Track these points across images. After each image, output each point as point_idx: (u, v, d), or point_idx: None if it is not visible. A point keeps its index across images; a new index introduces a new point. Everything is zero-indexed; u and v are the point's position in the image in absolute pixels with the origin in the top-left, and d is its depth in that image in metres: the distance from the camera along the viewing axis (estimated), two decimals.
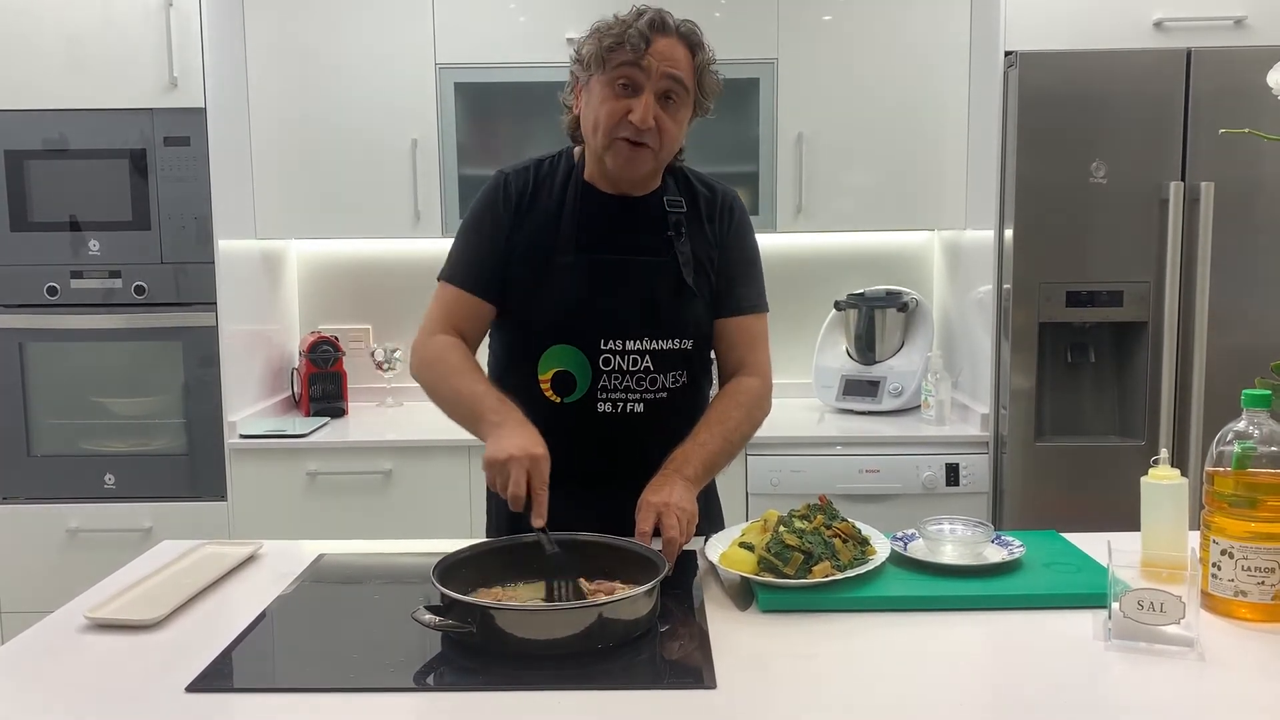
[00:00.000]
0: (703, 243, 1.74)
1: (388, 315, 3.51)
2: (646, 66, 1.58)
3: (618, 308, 1.68)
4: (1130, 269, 2.72)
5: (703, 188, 1.79)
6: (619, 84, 1.60)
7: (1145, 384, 2.75)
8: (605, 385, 1.69)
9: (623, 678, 1.20)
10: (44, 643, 1.33)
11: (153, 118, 2.84)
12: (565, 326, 1.68)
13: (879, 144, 3.11)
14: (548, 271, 1.68)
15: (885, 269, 3.46)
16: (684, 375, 1.74)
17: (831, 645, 1.30)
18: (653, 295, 1.69)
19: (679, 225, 1.72)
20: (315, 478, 2.92)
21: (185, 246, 2.88)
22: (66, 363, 2.92)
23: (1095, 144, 2.68)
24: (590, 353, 1.68)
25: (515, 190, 1.72)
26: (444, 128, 3.09)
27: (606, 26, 1.62)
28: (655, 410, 1.71)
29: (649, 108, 1.59)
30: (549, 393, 1.70)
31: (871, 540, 1.55)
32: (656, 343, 1.69)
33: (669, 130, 1.63)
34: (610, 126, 1.62)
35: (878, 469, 2.82)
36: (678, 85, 1.61)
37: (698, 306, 1.73)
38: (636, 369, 1.69)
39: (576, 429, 1.69)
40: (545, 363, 1.69)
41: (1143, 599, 1.25)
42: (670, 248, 1.70)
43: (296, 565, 1.62)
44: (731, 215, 1.79)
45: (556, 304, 1.68)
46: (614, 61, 1.60)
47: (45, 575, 2.91)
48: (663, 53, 1.59)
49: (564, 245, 1.68)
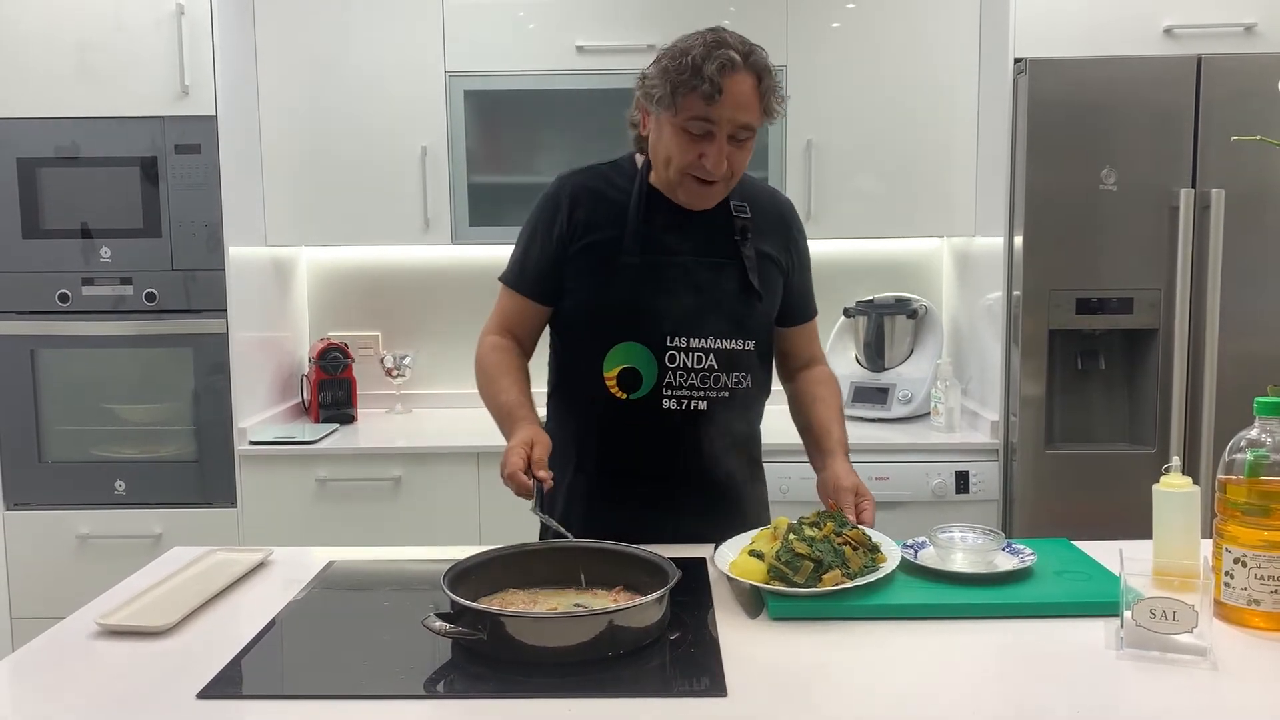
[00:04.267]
0: (768, 246, 1.77)
1: (397, 322, 3.51)
2: (718, 118, 1.58)
3: (684, 305, 1.70)
4: (1141, 276, 2.71)
5: (761, 194, 1.82)
6: (688, 130, 1.60)
7: (1156, 391, 2.73)
8: (670, 382, 1.71)
9: (633, 685, 1.20)
10: (56, 649, 1.34)
11: (164, 125, 2.86)
12: (632, 324, 1.70)
13: (888, 151, 3.10)
14: (614, 271, 1.70)
15: (894, 276, 3.46)
16: (747, 377, 1.76)
17: (842, 653, 1.29)
18: (719, 295, 1.71)
19: (745, 230, 1.74)
20: (325, 484, 2.92)
21: (196, 253, 2.89)
22: (77, 369, 2.93)
23: (1105, 151, 2.68)
24: (656, 350, 1.70)
25: (575, 194, 1.74)
26: (454, 135, 3.10)
27: (676, 66, 1.58)
28: (718, 408, 1.73)
29: (722, 154, 1.60)
30: (615, 389, 1.72)
31: (882, 547, 1.55)
32: (721, 341, 1.72)
33: (740, 165, 1.66)
34: (682, 166, 1.63)
35: (887, 476, 2.81)
36: (748, 127, 1.62)
37: (762, 308, 1.77)
38: (701, 366, 1.71)
39: (641, 425, 1.72)
40: (611, 359, 1.71)
41: (1155, 608, 1.24)
42: (737, 251, 1.73)
43: (306, 572, 1.63)
44: (796, 224, 1.85)
45: (624, 302, 1.70)
46: (685, 108, 1.58)
47: (56, 581, 2.91)
48: (734, 99, 1.57)
49: (630, 246, 1.70)
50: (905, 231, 3.23)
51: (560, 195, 1.75)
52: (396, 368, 3.35)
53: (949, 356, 3.21)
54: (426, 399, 3.49)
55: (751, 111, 1.60)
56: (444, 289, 3.49)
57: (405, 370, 3.36)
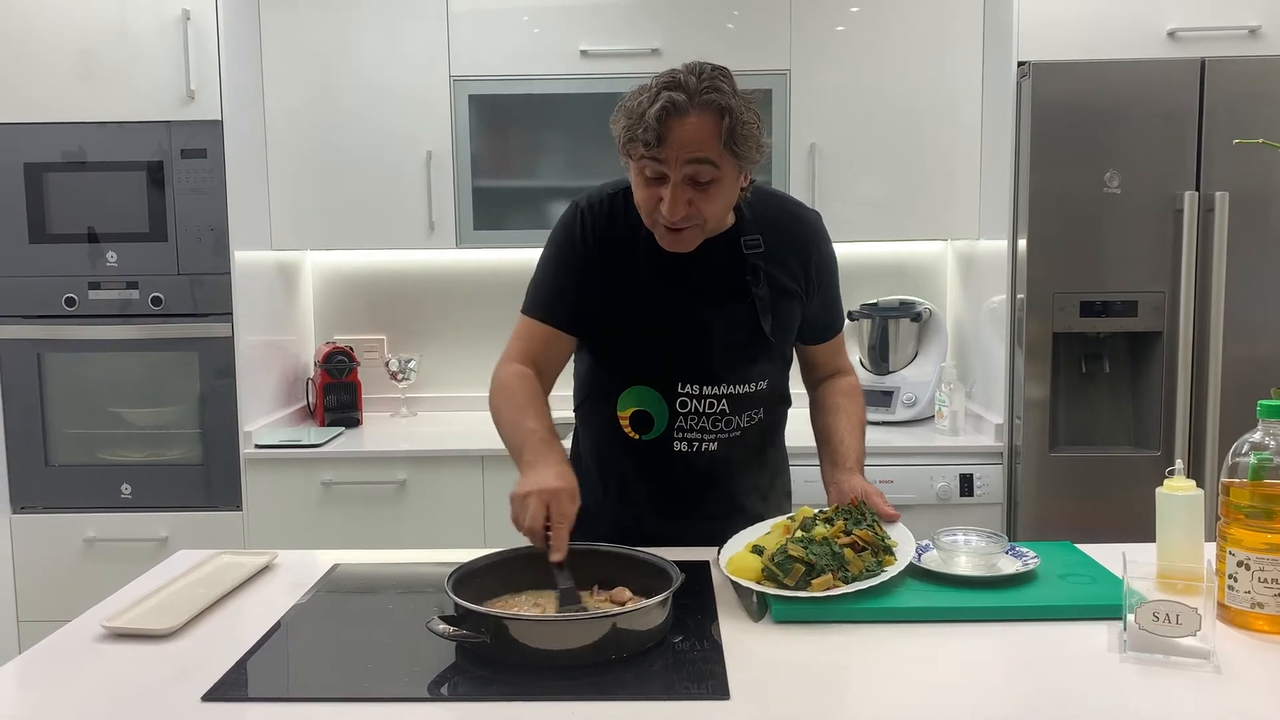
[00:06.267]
0: (785, 277, 1.71)
1: (402, 326, 3.52)
2: (665, 159, 1.51)
3: (695, 354, 1.67)
4: (1145, 279, 2.70)
5: (782, 216, 1.74)
6: (645, 174, 1.56)
7: (1160, 394, 2.73)
8: (681, 426, 1.70)
9: (636, 688, 1.20)
10: (62, 651, 1.34)
11: (169, 130, 2.87)
12: (643, 369, 1.69)
13: (892, 154, 3.11)
14: (625, 313, 1.68)
15: (899, 279, 3.46)
16: (759, 413, 1.75)
17: (846, 656, 1.30)
18: (730, 342, 1.68)
19: (756, 269, 1.68)
20: (330, 487, 2.93)
21: (202, 258, 2.90)
22: (84, 373, 2.94)
23: (1109, 154, 2.67)
24: (667, 395, 1.69)
25: (592, 222, 1.69)
26: (458, 139, 3.10)
27: (626, 110, 1.54)
28: (729, 448, 1.73)
29: (677, 200, 1.53)
30: (628, 429, 1.72)
31: (896, 549, 1.53)
32: (732, 387, 1.70)
33: (707, 207, 1.56)
34: (648, 212, 1.60)
35: (891, 479, 2.81)
36: (704, 166, 1.52)
37: (774, 352, 1.74)
38: (713, 411, 1.70)
39: (653, 465, 1.73)
40: (624, 401, 1.71)
41: (1158, 611, 1.24)
42: (748, 292, 1.68)
43: (311, 575, 1.63)
44: (816, 240, 1.76)
45: (634, 347, 1.69)
46: (635, 154, 1.54)
47: (63, 584, 2.92)
48: (681, 140, 1.50)
49: (641, 288, 1.66)
50: (909, 234, 3.23)
51: (581, 224, 1.69)
52: (401, 371, 3.36)
53: (953, 360, 3.20)
54: (432, 402, 3.49)
55: (706, 150, 1.50)
56: (449, 293, 3.50)
57: (410, 374, 3.36)
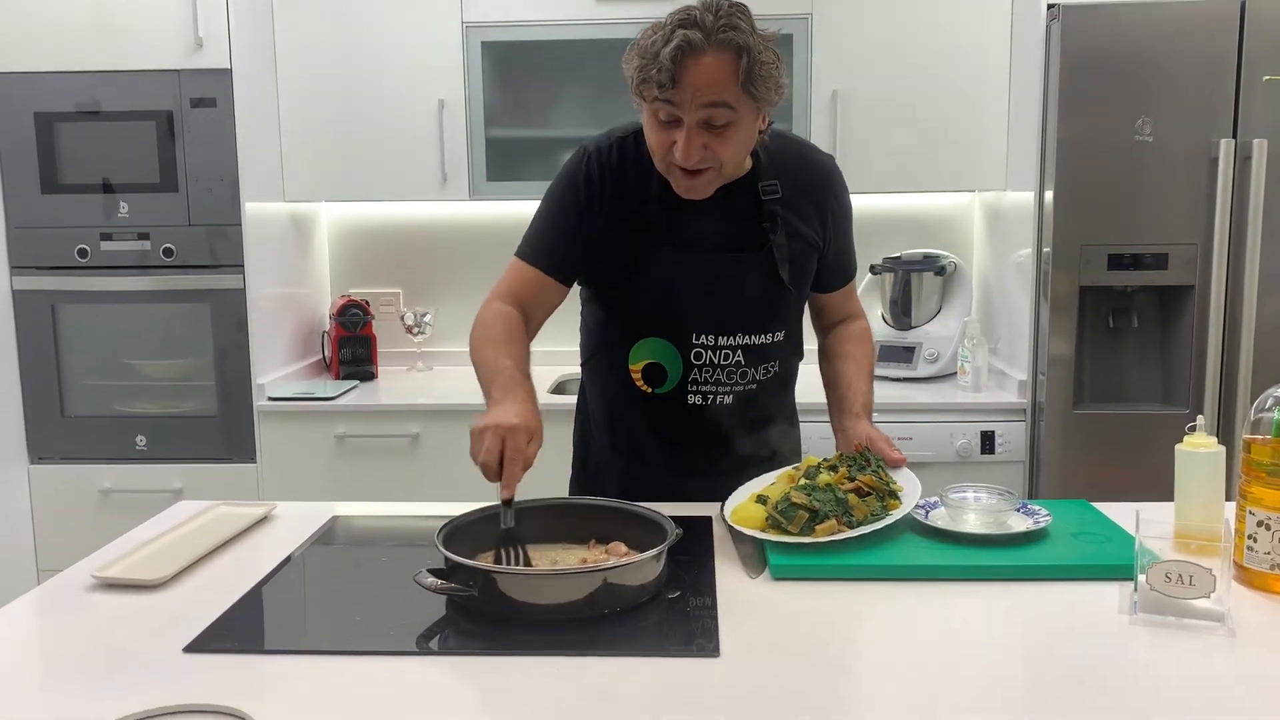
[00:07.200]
0: (802, 224, 1.67)
1: (418, 279, 3.49)
2: (680, 102, 1.45)
3: (710, 305, 1.63)
4: (1176, 230, 2.61)
5: (798, 161, 1.69)
6: (659, 117, 1.50)
7: (1190, 350, 2.65)
8: (696, 379, 1.67)
9: (626, 644, 1.17)
10: (51, 601, 1.33)
11: (179, 79, 2.83)
12: (656, 320, 1.65)
13: (917, 102, 3.01)
14: (636, 263, 1.63)
15: (922, 232, 3.37)
16: (775, 365, 1.72)
17: (845, 615, 1.26)
18: (746, 292, 1.64)
19: (774, 216, 1.63)
20: (344, 440, 2.92)
21: (213, 209, 2.88)
22: (98, 324, 2.94)
23: (1142, 100, 2.57)
24: (682, 347, 1.65)
25: (599, 169, 1.62)
26: (471, 88, 3.05)
27: (640, 50, 1.47)
28: (744, 401, 1.69)
29: (692, 144, 1.47)
30: (640, 383, 1.68)
31: (902, 494, 1.50)
32: (749, 338, 1.66)
33: (723, 151, 1.50)
34: (662, 156, 1.54)
35: (911, 436, 2.75)
36: (720, 109, 1.46)
37: (792, 300, 1.70)
38: (728, 363, 1.66)
39: (666, 419, 1.69)
40: (636, 353, 1.67)
41: (1171, 571, 1.20)
42: (766, 240, 1.63)
43: (309, 527, 1.62)
44: (833, 186, 1.71)
45: (647, 298, 1.64)
46: (648, 95, 1.48)
47: (80, 535, 2.94)
48: (695, 82, 1.43)
49: (652, 237, 1.61)
50: (934, 186, 3.14)
51: (587, 170, 1.62)
52: (417, 325, 3.33)
53: (977, 314, 3.13)
54: (447, 356, 3.47)
55: (723, 93, 1.44)
56: (466, 246, 3.46)
57: (426, 328, 3.34)
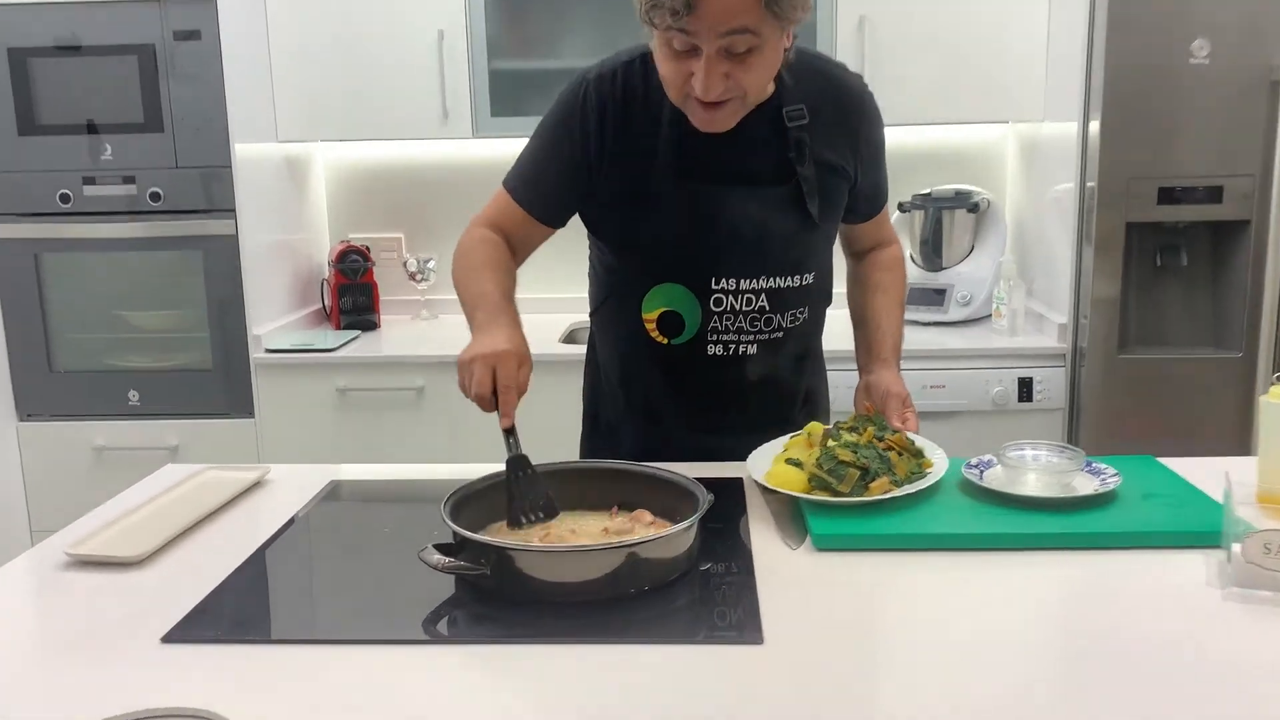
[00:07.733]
0: (831, 154, 1.51)
1: (420, 224, 3.33)
2: (695, 30, 1.28)
3: (731, 244, 1.47)
4: (1232, 161, 2.45)
5: (827, 84, 1.52)
6: (673, 46, 1.33)
7: (1245, 289, 2.50)
8: (716, 327, 1.52)
9: (657, 630, 1.05)
10: (19, 581, 1.22)
11: (161, 10, 2.66)
12: (671, 264, 1.50)
13: (948, 27, 2.82)
14: (647, 202, 1.47)
15: (954, 166, 3.20)
16: (804, 311, 1.56)
17: (895, 590, 1.14)
18: (771, 230, 1.48)
19: (801, 145, 1.47)
20: (345, 394, 2.79)
21: (201, 150, 2.72)
22: (84, 274, 2.81)
23: (1197, 20, 2.40)
24: (700, 293, 1.50)
25: (599, 99, 1.46)
26: (472, 17, 2.86)
27: None
28: (769, 351, 1.55)
29: (713, 75, 1.31)
30: (655, 333, 1.53)
31: (926, 451, 1.40)
32: (774, 280, 1.50)
33: (747, 79, 1.34)
34: (678, 88, 1.37)
35: (943, 384, 2.63)
36: (742, 35, 1.29)
37: (821, 237, 1.55)
38: (751, 309, 1.51)
39: (684, 373, 1.56)
40: (650, 302, 1.52)
41: (1271, 542, 1.06)
42: (792, 172, 1.47)
43: (306, 494, 1.49)
44: (865, 112, 1.55)
45: (660, 239, 1.49)
46: (660, 23, 1.29)
47: (74, 494, 2.83)
48: (714, 10, 1.26)
49: (663, 171, 1.45)
50: (966, 116, 2.97)
51: (585, 101, 1.47)
52: (420, 271, 3.19)
53: (1013, 254, 3.00)
54: (452, 304, 3.27)
55: (743, 16, 1.27)
56: (469, 189, 3.27)
57: (429, 274, 3.20)
